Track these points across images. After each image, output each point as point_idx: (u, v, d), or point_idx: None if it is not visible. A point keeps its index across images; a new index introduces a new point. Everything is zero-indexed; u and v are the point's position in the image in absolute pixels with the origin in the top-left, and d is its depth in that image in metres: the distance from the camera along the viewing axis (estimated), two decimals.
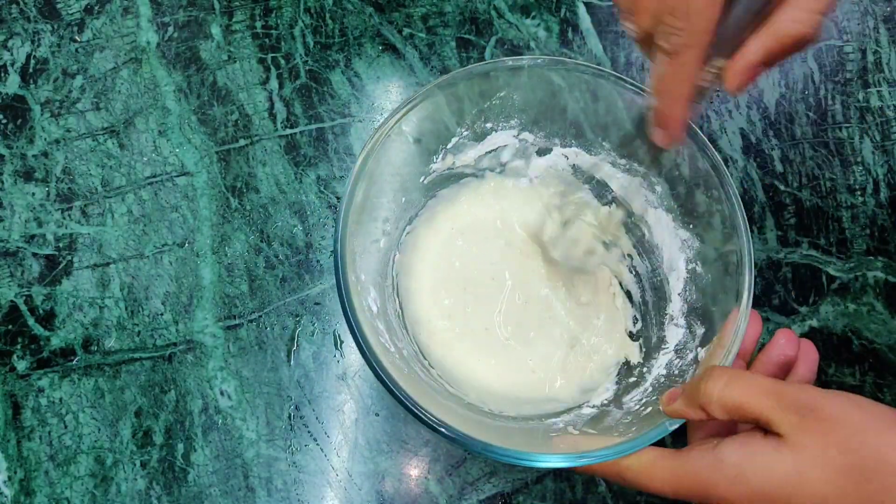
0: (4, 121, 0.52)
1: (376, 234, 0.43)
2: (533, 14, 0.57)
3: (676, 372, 0.40)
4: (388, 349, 0.38)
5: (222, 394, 0.46)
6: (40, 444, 0.45)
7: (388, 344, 0.39)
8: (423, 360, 0.44)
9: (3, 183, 0.51)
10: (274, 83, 0.54)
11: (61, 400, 0.46)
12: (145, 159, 0.51)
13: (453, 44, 0.55)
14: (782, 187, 0.53)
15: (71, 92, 0.53)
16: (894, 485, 0.28)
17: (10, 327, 0.47)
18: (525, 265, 0.47)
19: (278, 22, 0.55)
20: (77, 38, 0.54)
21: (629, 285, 0.48)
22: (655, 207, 0.45)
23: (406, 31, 0.56)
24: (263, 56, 0.54)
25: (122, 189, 0.51)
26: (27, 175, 0.51)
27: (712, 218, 0.41)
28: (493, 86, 0.42)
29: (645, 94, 0.40)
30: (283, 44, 0.55)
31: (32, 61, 0.54)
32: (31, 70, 0.53)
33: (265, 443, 0.45)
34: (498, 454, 0.33)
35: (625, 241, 0.48)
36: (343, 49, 0.55)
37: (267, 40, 0.55)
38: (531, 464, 0.33)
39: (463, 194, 0.48)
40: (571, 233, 0.46)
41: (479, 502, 0.45)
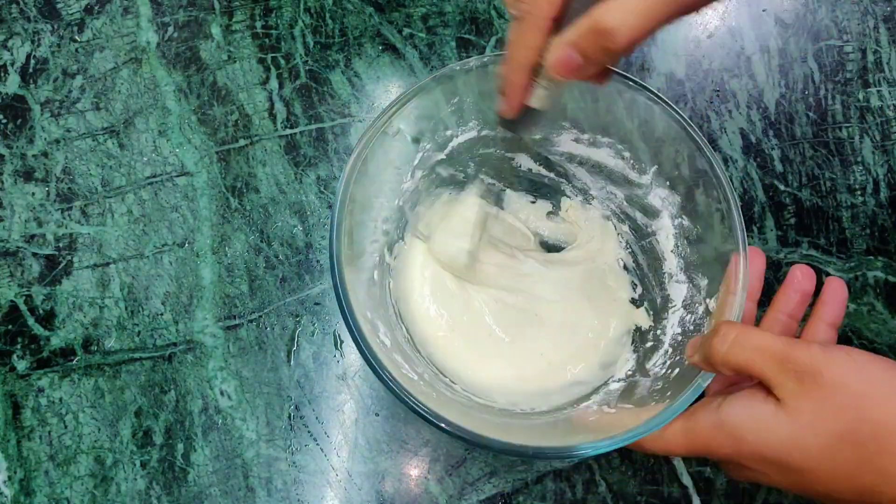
0: (4, 121, 0.52)
1: (370, 265, 0.43)
2: None
3: (691, 327, 0.40)
4: (412, 379, 0.38)
5: (222, 394, 0.46)
6: (40, 444, 0.45)
7: (410, 373, 0.38)
8: (443, 377, 0.43)
9: (3, 183, 0.51)
10: (274, 83, 0.54)
11: (61, 400, 0.46)
12: (145, 159, 0.51)
13: (453, 44, 0.55)
14: (782, 187, 0.53)
15: (71, 92, 0.53)
16: (888, 449, 0.28)
17: (10, 327, 0.47)
18: (509, 263, 0.48)
19: (278, 22, 0.55)
20: (77, 38, 0.54)
21: (619, 254, 0.48)
22: (625, 173, 0.45)
23: (406, 31, 0.56)
24: (263, 56, 0.54)
25: (122, 189, 0.51)
26: (27, 175, 0.51)
27: (683, 167, 0.41)
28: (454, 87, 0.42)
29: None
30: (283, 44, 0.55)
31: (32, 61, 0.54)
32: (31, 70, 0.53)
33: (265, 443, 0.45)
34: (549, 454, 0.33)
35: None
36: (343, 49, 0.55)
37: (267, 40, 0.55)
38: (580, 456, 0.33)
39: (437, 203, 0.48)
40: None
41: (479, 502, 0.45)
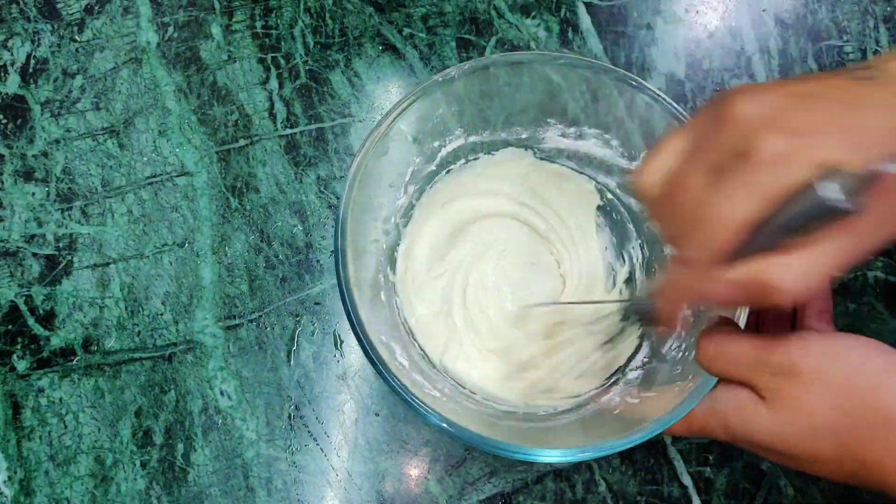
0: (4, 121, 0.52)
1: (375, 287, 0.42)
2: (533, 14, 0.57)
3: (702, 308, 0.39)
4: (436, 397, 0.38)
5: (222, 394, 0.46)
6: (40, 444, 0.45)
7: (433, 392, 0.38)
8: (462, 389, 0.43)
9: (3, 183, 0.51)
10: (274, 83, 0.54)
11: (61, 400, 0.46)
12: (145, 159, 0.51)
13: (453, 44, 0.55)
14: None
15: (71, 92, 0.53)
16: (866, 441, 0.29)
17: (10, 327, 0.47)
18: (498, 268, 0.47)
19: (278, 22, 0.55)
20: (77, 38, 0.54)
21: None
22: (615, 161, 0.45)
23: (406, 31, 0.56)
24: (263, 56, 0.54)
25: (122, 189, 0.51)
26: (27, 175, 0.51)
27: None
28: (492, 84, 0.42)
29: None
30: (283, 44, 0.55)
31: (32, 61, 0.54)
32: (31, 70, 0.53)
33: (265, 443, 0.45)
34: (590, 452, 0.34)
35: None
36: (343, 49, 0.55)
37: (267, 40, 0.55)
38: (622, 447, 0.34)
39: (426, 214, 0.48)
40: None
41: (479, 502, 0.45)
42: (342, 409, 0.46)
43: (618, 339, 0.41)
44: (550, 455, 0.34)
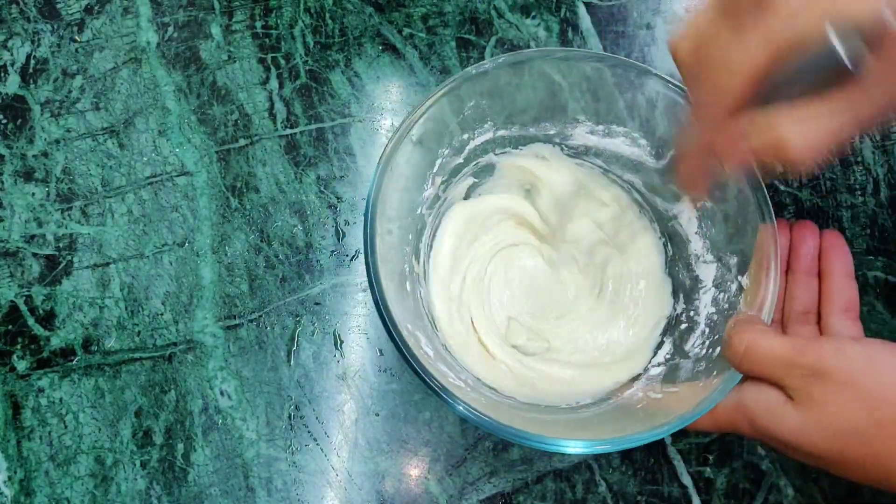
0: (4, 121, 0.52)
1: (401, 277, 0.42)
2: (533, 14, 0.57)
3: (726, 306, 0.39)
4: (460, 387, 0.38)
5: (222, 394, 0.46)
6: (40, 444, 0.45)
7: (457, 381, 0.38)
8: (483, 382, 0.43)
9: (3, 183, 0.51)
10: (274, 83, 0.54)
11: (61, 400, 0.46)
12: (145, 159, 0.51)
13: (453, 44, 0.55)
14: (782, 187, 0.53)
15: (71, 92, 0.53)
16: (893, 451, 0.29)
17: (10, 327, 0.47)
18: (530, 265, 0.47)
19: (278, 22, 0.55)
20: (77, 38, 0.54)
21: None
22: (642, 160, 0.45)
23: (406, 31, 0.56)
24: (263, 56, 0.54)
25: (122, 189, 0.51)
26: (27, 175, 0.51)
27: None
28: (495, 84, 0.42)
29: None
30: (283, 44, 0.55)
31: (32, 61, 0.54)
32: (31, 70, 0.53)
33: (265, 443, 0.45)
34: (614, 444, 0.34)
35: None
36: (343, 49, 0.55)
37: (267, 40, 0.55)
38: (647, 440, 0.34)
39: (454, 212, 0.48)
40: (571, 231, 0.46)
41: (480, 502, 0.45)
42: (342, 409, 0.46)
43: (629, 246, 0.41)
44: (575, 445, 0.33)
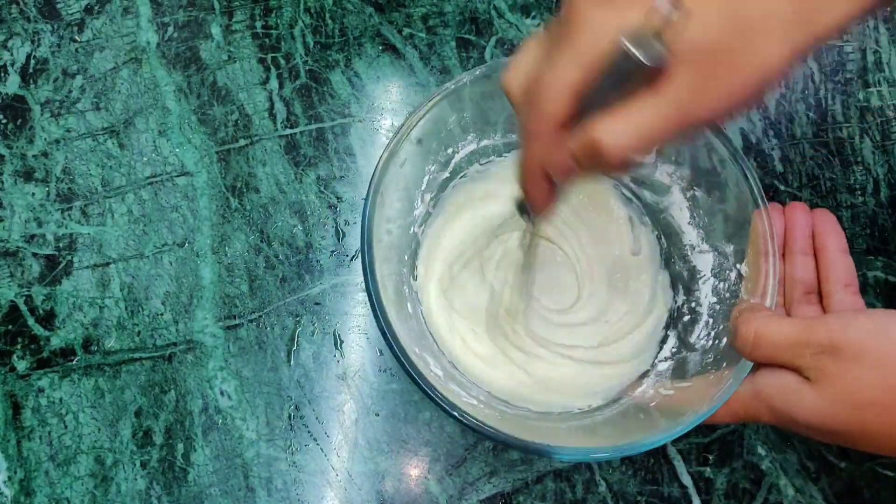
0: (4, 121, 0.52)
1: (400, 299, 0.42)
2: (533, 14, 0.57)
3: (728, 295, 0.39)
4: (474, 405, 0.38)
5: (222, 394, 0.46)
6: (40, 444, 0.45)
7: (470, 400, 0.38)
8: (494, 395, 0.43)
9: (3, 183, 0.51)
10: (274, 83, 0.54)
11: (61, 400, 0.46)
12: (145, 159, 0.51)
13: (453, 44, 0.55)
14: (782, 187, 0.53)
15: (71, 92, 0.53)
16: None
17: (10, 327, 0.47)
18: (517, 275, 0.47)
19: (278, 22, 0.55)
20: (77, 38, 0.54)
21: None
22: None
23: (406, 31, 0.56)
24: (263, 56, 0.54)
25: (122, 189, 0.51)
26: (27, 175, 0.51)
27: (687, 142, 0.41)
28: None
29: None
30: (283, 44, 0.55)
31: (32, 61, 0.54)
32: (31, 70, 0.53)
33: (265, 443, 0.45)
34: (638, 447, 0.34)
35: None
36: (343, 49, 0.55)
37: (267, 40, 0.55)
38: (668, 438, 0.34)
39: (448, 219, 0.48)
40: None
41: (480, 502, 0.45)
42: (342, 409, 0.46)
43: (531, 251, 0.41)
44: (601, 453, 0.33)
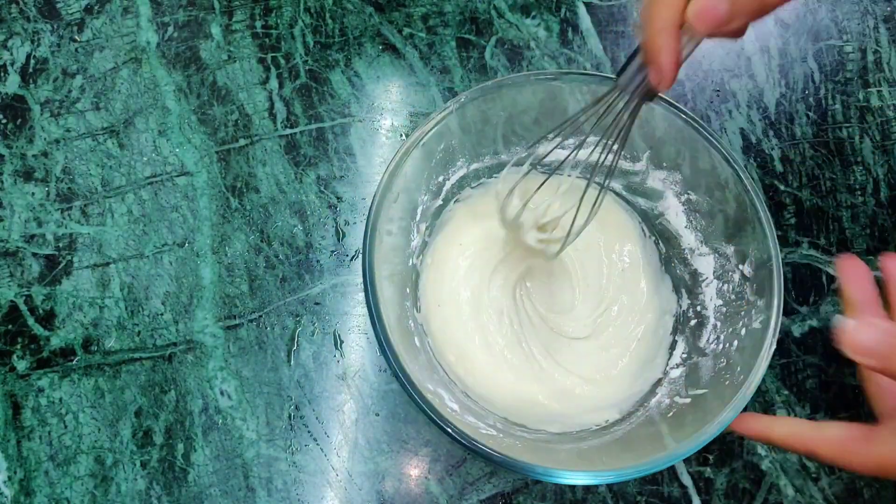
0: (4, 121, 0.52)
1: (407, 333, 0.41)
2: (533, 14, 0.57)
3: (733, 297, 0.39)
4: (492, 435, 0.37)
5: (222, 394, 0.46)
6: (40, 444, 0.45)
7: (488, 430, 0.38)
8: (511, 421, 0.42)
9: (3, 183, 0.50)
10: (274, 83, 0.54)
11: (61, 400, 0.46)
12: (145, 159, 0.51)
13: (453, 43, 0.55)
14: (782, 187, 0.53)
15: (71, 92, 0.53)
16: None
17: (10, 327, 0.47)
18: (518, 280, 0.46)
19: (278, 22, 0.55)
20: (77, 38, 0.54)
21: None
22: (625, 159, 0.44)
23: (406, 30, 0.56)
24: (263, 56, 0.54)
25: (122, 189, 0.51)
26: (27, 175, 0.51)
27: (674, 142, 0.40)
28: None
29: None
30: (283, 43, 0.55)
31: (32, 61, 0.54)
32: (31, 70, 0.53)
33: (265, 443, 0.45)
34: (667, 460, 0.33)
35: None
36: (343, 49, 0.55)
37: (267, 40, 0.55)
38: (696, 448, 0.33)
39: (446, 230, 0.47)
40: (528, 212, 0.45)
41: (480, 502, 0.45)
42: (342, 409, 0.46)
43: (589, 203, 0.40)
44: (628, 474, 0.32)
